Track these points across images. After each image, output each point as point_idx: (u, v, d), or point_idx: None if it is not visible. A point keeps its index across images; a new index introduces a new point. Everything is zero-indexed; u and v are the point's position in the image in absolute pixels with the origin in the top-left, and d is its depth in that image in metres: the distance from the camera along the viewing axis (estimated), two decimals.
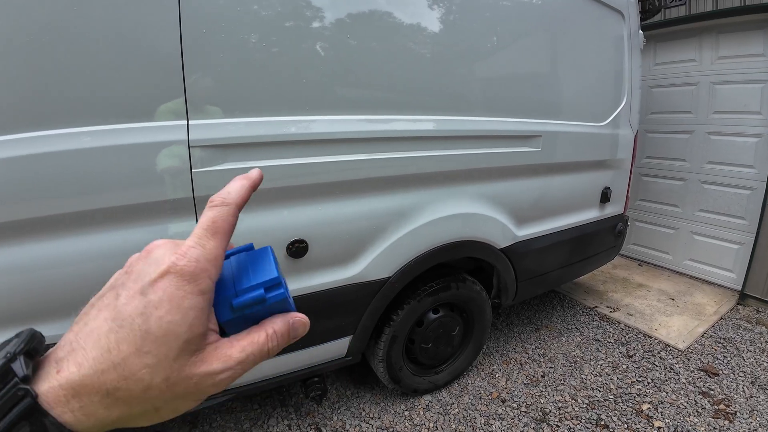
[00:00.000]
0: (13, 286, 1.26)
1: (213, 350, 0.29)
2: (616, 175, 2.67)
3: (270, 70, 1.41)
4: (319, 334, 1.77)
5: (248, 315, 0.31)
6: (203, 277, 0.28)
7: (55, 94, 1.17)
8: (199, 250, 0.29)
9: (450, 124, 1.80)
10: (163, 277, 0.27)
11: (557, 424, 2.12)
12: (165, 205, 1.35)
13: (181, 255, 0.28)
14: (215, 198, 0.32)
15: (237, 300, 0.31)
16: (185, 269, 0.28)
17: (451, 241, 1.93)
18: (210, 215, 0.31)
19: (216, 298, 0.30)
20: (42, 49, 1.13)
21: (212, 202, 0.32)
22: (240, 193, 0.33)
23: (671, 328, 2.96)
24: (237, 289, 0.31)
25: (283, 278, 0.33)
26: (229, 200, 0.32)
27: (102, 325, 0.27)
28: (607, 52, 2.42)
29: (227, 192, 0.33)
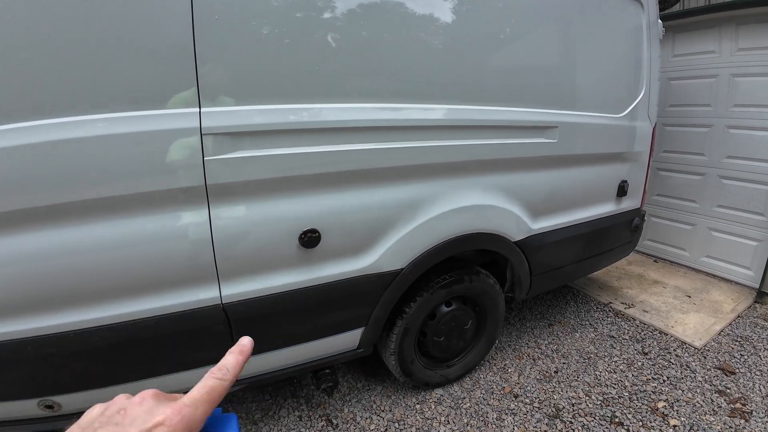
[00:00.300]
0: (25, 275, 1.27)
1: None
2: (633, 169, 2.61)
3: (282, 57, 1.39)
4: (331, 326, 1.76)
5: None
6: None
7: (67, 81, 1.16)
8: (191, 411, 0.33)
9: (465, 113, 1.77)
10: (157, 427, 0.31)
11: (571, 420, 2.09)
12: (177, 193, 1.35)
13: (176, 411, 0.33)
14: (216, 371, 0.38)
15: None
16: (177, 426, 0.32)
17: (465, 233, 1.90)
18: (209, 384, 0.37)
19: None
20: (55, 37, 1.13)
21: (213, 374, 0.38)
22: (237, 371, 0.40)
23: (687, 326, 2.90)
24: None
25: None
26: (227, 377, 0.38)
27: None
28: (625, 41, 2.36)
29: (227, 369, 0.39)
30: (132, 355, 1.45)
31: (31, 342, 1.33)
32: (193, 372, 1.57)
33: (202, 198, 1.38)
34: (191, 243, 1.41)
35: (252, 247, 1.49)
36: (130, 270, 1.36)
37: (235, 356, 0.40)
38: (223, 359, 0.40)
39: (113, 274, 1.35)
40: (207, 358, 1.58)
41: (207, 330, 1.51)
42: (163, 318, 1.43)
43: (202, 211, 1.40)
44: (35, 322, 1.32)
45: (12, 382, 1.38)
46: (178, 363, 1.53)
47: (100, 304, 1.37)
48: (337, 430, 2.03)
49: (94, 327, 1.37)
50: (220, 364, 0.39)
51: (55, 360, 1.36)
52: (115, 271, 1.34)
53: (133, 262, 1.36)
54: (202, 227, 1.40)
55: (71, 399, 1.48)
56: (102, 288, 1.35)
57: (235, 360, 0.40)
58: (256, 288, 1.53)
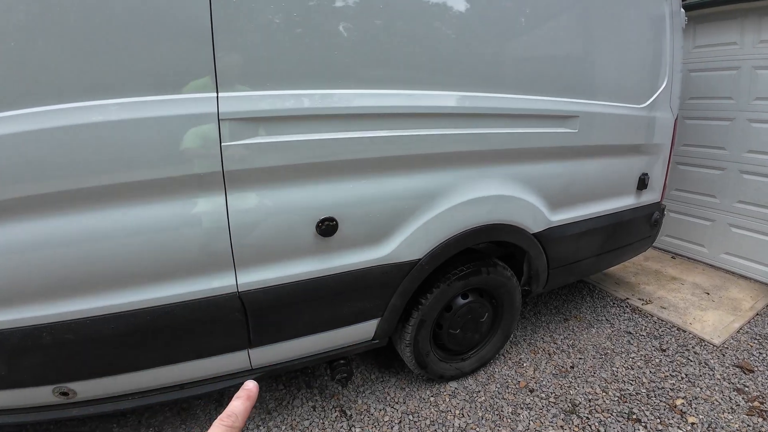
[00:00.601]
0: (43, 261, 1.26)
1: None
2: (654, 161, 2.55)
3: (300, 42, 1.36)
4: (347, 316, 1.74)
5: None
6: None
7: (84, 66, 1.15)
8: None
9: (485, 101, 1.73)
10: None
11: (587, 416, 2.06)
12: (193, 179, 1.33)
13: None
14: (225, 418, 0.38)
15: None
16: None
17: (483, 224, 1.87)
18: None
19: None
20: (72, 21, 1.11)
21: (223, 421, 0.38)
22: (245, 417, 0.40)
23: (706, 323, 2.85)
24: None
25: None
26: (237, 424, 0.38)
27: None
28: (648, 30, 2.30)
29: (236, 416, 0.39)
30: (148, 343, 1.45)
31: (47, 328, 1.32)
32: (208, 360, 1.56)
33: (219, 185, 1.37)
34: (208, 230, 1.39)
35: (269, 234, 1.47)
36: (147, 257, 1.35)
37: (243, 402, 0.40)
38: (231, 405, 0.40)
39: (130, 261, 1.34)
40: (222, 346, 1.57)
41: (223, 318, 1.49)
42: (179, 305, 1.42)
43: (218, 198, 1.38)
44: (52, 308, 1.32)
45: (27, 368, 1.38)
46: (193, 351, 1.53)
47: (117, 290, 1.36)
48: (351, 421, 2.02)
49: (111, 314, 1.36)
50: (228, 410, 0.39)
51: (71, 346, 1.36)
52: (131, 257, 1.34)
53: (150, 249, 1.35)
54: (218, 214, 1.39)
55: (86, 386, 1.48)
56: (118, 275, 1.34)
57: (243, 406, 0.40)
58: (273, 276, 1.52)
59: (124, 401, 1.57)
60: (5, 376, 1.36)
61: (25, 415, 1.51)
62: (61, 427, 1.98)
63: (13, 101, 1.12)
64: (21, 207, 1.20)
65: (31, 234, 1.23)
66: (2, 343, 1.30)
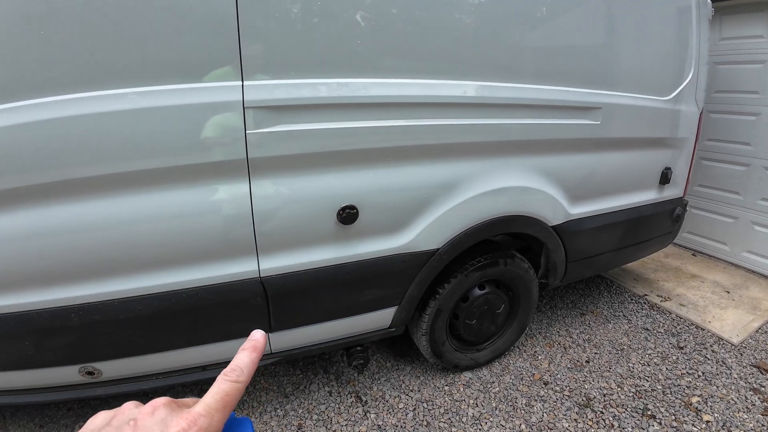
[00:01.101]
0: (75, 245, 1.30)
1: None
2: (677, 155, 2.50)
3: (323, 31, 1.37)
4: (365, 303, 1.76)
5: None
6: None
7: (112, 54, 1.18)
8: (207, 420, 0.31)
9: (505, 91, 1.71)
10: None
11: (602, 410, 2.06)
12: (219, 166, 1.36)
13: (192, 422, 0.30)
14: (230, 373, 0.35)
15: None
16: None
17: (502, 215, 1.86)
18: (224, 389, 0.33)
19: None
20: (98, 10, 1.14)
21: (227, 376, 0.34)
22: (251, 370, 0.36)
23: (725, 322, 2.80)
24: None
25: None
26: (242, 378, 0.35)
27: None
28: (673, 20, 2.24)
29: (240, 369, 0.35)
30: (172, 324, 1.48)
31: (75, 309, 1.37)
32: (229, 343, 1.60)
33: (244, 172, 1.39)
34: (232, 216, 1.42)
35: (290, 221, 1.49)
36: (173, 241, 1.39)
37: (248, 353, 0.37)
38: (236, 358, 0.36)
39: (157, 245, 1.37)
40: (243, 330, 1.60)
41: (245, 302, 1.52)
42: (203, 289, 1.46)
43: (243, 185, 1.40)
44: (81, 290, 1.36)
45: (55, 348, 1.43)
46: (216, 333, 1.56)
47: (144, 273, 1.40)
48: (366, 406, 2.05)
49: (138, 296, 1.41)
50: (233, 364, 0.36)
51: (98, 327, 1.40)
52: (158, 242, 1.37)
53: (175, 233, 1.38)
54: (242, 200, 1.41)
55: (112, 366, 1.53)
56: (145, 258, 1.38)
57: (249, 358, 0.37)
58: (294, 263, 1.54)
59: (148, 381, 1.62)
60: (33, 356, 1.41)
61: (50, 394, 1.56)
62: (83, 407, 2.04)
63: (44, 89, 1.15)
64: (54, 192, 1.24)
65: (64, 218, 1.27)
66: (31, 324, 1.35)
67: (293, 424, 1.96)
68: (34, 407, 2.05)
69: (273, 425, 1.95)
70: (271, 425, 1.95)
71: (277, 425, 1.95)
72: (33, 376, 1.49)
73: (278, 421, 1.97)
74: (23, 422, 1.98)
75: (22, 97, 1.14)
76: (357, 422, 1.97)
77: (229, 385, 0.34)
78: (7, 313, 1.33)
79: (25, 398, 1.55)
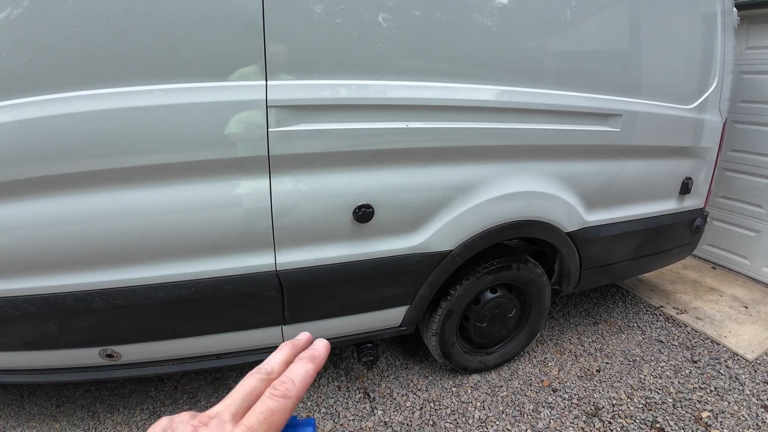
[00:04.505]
0: (100, 232, 1.36)
1: None
2: (699, 165, 2.46)
3: (346, 33, 1.40)
4: (377, 301, 1.78)
5: None
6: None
7: (143, 52, 1.23)
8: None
9: (525, 96, 1.71)
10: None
11: (610, 420, 2.04)
12: (241, 162, 1.40)
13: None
14: (279, 387, 0.31)
15: None
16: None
17: (517, 219, 1.86)
18: (270, 405, 0.30)
19: None
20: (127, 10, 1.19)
21: (275, 390, 0.30)
22: (306, 384, 0.32)
23: (741, 337, 2.75)
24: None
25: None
26: (292, 393, 0.31)
27: None
28: (698, 28, 2.20)
29: (292, 382, 0.31)
30: (191, 312, 1.53)
31: (99, 294, 1.43)
32: (244, 333, 1.64)
33: (264, 168, 1.43)
34: (252, 210, 1.46)
35: (308, 217, 1.53)
36: (195, 232, 1.43)
37: (304, 364, 0.33)
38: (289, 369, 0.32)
39: (178, 236, 1.42)
40: (259, 321, 1.64)
41: (261, 294, 1.57)
42: (221, 279, 1.50)
43: (263, 180, 1.44)
44: (105, 275, 1.42)
45: (78, 330, 1.49)
46: (232, 323, 1.61)
47: (166, 262, 1.45)
48: (374, 403, 2.08)
49: (159, 283, 1.46)
50: (284, 376, 0.31)
51: (121, 312, 1.46)
52: (180, 232, 1.42)
53: (197, 225, 1.43)
54: (262, 196, 1.45)
55: (131, 349, 1.58)
56: (167, 248, 1.43)
57: (304, 369, 0.32)
58: (310, 258, 1.58)
59: (164, 366, 1.67)
60: (56, 337, 1.48)
61: (71, 375, 1.63)
62: (100, 389, 2.12)
63: (78, 83, 1.21)
64: (86, 182, 1.30)
65: (94, 206, 1.33)
66: (56, 306, 1.41)
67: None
68: (52, 387, 2.12)
69: None
70: None
71: None
72: (55, 356, 1.56)
73: None
74: (40, 401, 2.06)
75: (59, 90, 1.20)
76: (364, 418, 2.00)
77: (275, 402, 0.30)
78: (33, 294, 1.39)
79: (47, 377, 1.62)
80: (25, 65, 1.18)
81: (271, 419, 0.29)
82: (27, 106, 1.20)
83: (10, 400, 2.07)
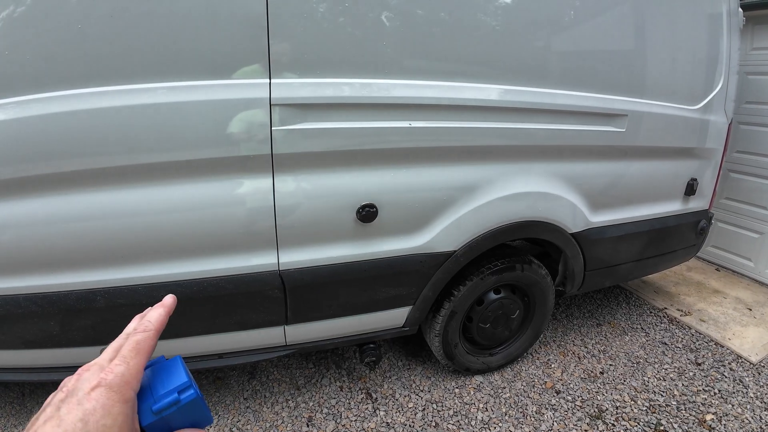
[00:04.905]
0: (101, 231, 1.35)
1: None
2: (704, 167, 2.45)
3: (349, 31, 1.39)
4: (380, 302, 1.77)
5: (167, 417, 0.36)
6: (126, 389, 0.34)
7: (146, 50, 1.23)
8: (123, 367, 0.35)
9: (529, 96, 1.70)
10: (95, 389, 0.33)
11: (613, 423, 2.03)
12: (244, 161, 1.40)
13: (109, 371, 0.34)
14: (139, 327, 0.40)
15: (156, 405, 0.36)
16: (113, 382, 0.34)
17: (521, 220, 1.85)
18: (134, 339, 0.38)
19: (140, 406, 0.36)
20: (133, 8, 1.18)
21: (135, 331, 0.39)
22: (159, 320, 0.41)
23: (745, 340, 2.73)
24: (155, 396, 0.37)
25: (194, 382, 0.39)
26: (150, 328, 0.40)
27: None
28: (704, 28, 2.18)
29: (148, 321, 0.40)
30: (194, 312, 1.53)
31: (101, 292, 1.42)
32: (247, 333, 1.64)
33: (268, 167, 1.42)
34: (255, 209, 1.46)
35: (311, 217, 1.52)
36: (197, 231, 1.43)
37: (157, 310, 0.42)
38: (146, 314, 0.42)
39: (181, 234, 1.42)
40: (261, 320, 1.63)
41: (263, 294, 1.56)
42: (223, 279, 1.50)
43: (266, 179, 1.44)
44: (107, 274, 1.42)
45: (80, 329, 1.48)
46: (234, 323, 1.60)
47: (168, 261, 1.45)
48: (376, 403, 2.07)
49: (162, 282, 1.45)
50: (143, 318, 0.41)
51: (122, 310, 1.45)
52: (182, 231, 1.42)
53: (200, 224, 1.42)
54: (265, 195, 1.45)
55: None
56: (170, 247, 1.43)
57: (157, 313, 0.42)
58: (313, 258, 1.57)
59: None
60: (58, 335, 1.47)
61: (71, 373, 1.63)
62: None
63: (81, 81, 1.21)
64: (87, 180, 1.30)
65: (95, 205, 1.33)
66: (58, 304, 1.40)
67: (304, 416, 1.99)
68: (53, 386, 2.10)
69: (284, 416, 1.99)
70: (282, 416, 1.99)
71: (288, 416, 1.98)
72: (57, 355, 1.55)
73: (289, 412, 2.01)
74: (42, 400, 2.02)
75: (62, 88, 1.20)
76: (366, 418, 1.99)
77: (138, 335, 0.38)
78: (35, 293, 1.39)
79: (49, 376, 1.61)
80: (27, 63, 1.17)
81: (138, 347, 0.37)
82: (30, 104, 1.19)
83: (12, 398, 2.07)
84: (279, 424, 1.95)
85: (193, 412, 0.38)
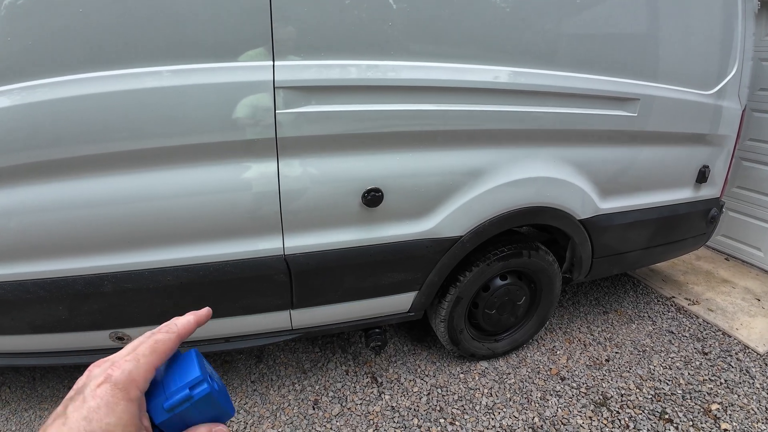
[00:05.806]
0: (108, 216, 1.35)
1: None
2: (716, 153, 2.40)
3: (353, 12, 1.36)
4: (386, 286, 1.77)
5: (181, 414, 0.35)
6: (132, 387, 0.33)
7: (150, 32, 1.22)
8: (132, 364, 0.34)
9: (539, 78, 1.66)
10: (100, 386, 0.32)
11: (618, 410, 2.03)
12: (248, 144, 1.38)
13: (116, 367, 0.33)
14: (164, 326, 0.38)
15: (167, 402, 0.35)
16: (118, 379, 0.33)
17: (529, 205, 1.83)
18: (154, 338, 0.36)
19: (152, 403, 0.35)
20: None
21: (160, 330, 0.38)
22: (185, 327, 0.39)
23: (753, 330, 2.71)
24: (167, 392, 0.35)
25: (208, 375, 0.37)
26: (173, 331, 0.38)
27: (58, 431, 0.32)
28: (718, 12, 2.12)
29: (173, 323, 0.39)
30: (199, 295, 1.53)
31: (108, 277, 1.43)
32: (253, 317, 1.65)
33: (272, 151, 1.41)
34: (260, 194, 1.45)
35: (316, 201, 1.51)
36: (203, 216, 1.43)
37: (187, 316, 0.40)
38: (176, 318, 0.40)
39: (187, 219, 1.42)
40: (267, 305, 1.64)
41: (269, 278, 1.56)
42: (229, 263, 1.50)
43: (271, 164, 1.43)
44: (114, 259, 1.42)
45: (88, 313, 1.50)
46: (240, 307, 1.61)
47: (174, 246, 1.45)
48: (381, 388, 2.08)
49: (168, 267, 1.46)
50: (171, 321, 0.39)
51: (130, 295, 1.46)
52: (188, 216, 1.41)
53: (205, 208, 1.42)
54: (270, 179, 1.44)
55: (141, 332, 1.57)
56: (176, 231, 1.43)
57: (186, 320, 0.40)
58: (318, 242, 1.56)
59: None
60: (67, 320, 1.48)
61: (82, 357, 1.64)
62: None
63: (85, 65, 1.20)
64: (92, 165, 1.29)
65: (101, 190, 1.33)
66: (66, 289, 1.41)
67: (310, 399, 2.01)
68: (64, 369, 2.16)
69: (290, 399, 2.01)
70: (288, 399, 2.01)
71: (294, 399, 2.01)
72: (66, 339, 1.57)
73: (296, 395, 2.03)
74: (53, 383, 2.09)
75: (67, 72, 1.19)
76: (371, 402, 2.01)
77: (160, 335, 0.37)
78: (43, 278, 1.40)
79: (58, 360, 1.64)
80: (33, 48, 1.16)
81: (155, 346, 0.36)
82: (36, 89, 1.19)
83: (23, 382, 2.10)
84: (285, 407, 1.97)
85: (209, 407, 0.36)
